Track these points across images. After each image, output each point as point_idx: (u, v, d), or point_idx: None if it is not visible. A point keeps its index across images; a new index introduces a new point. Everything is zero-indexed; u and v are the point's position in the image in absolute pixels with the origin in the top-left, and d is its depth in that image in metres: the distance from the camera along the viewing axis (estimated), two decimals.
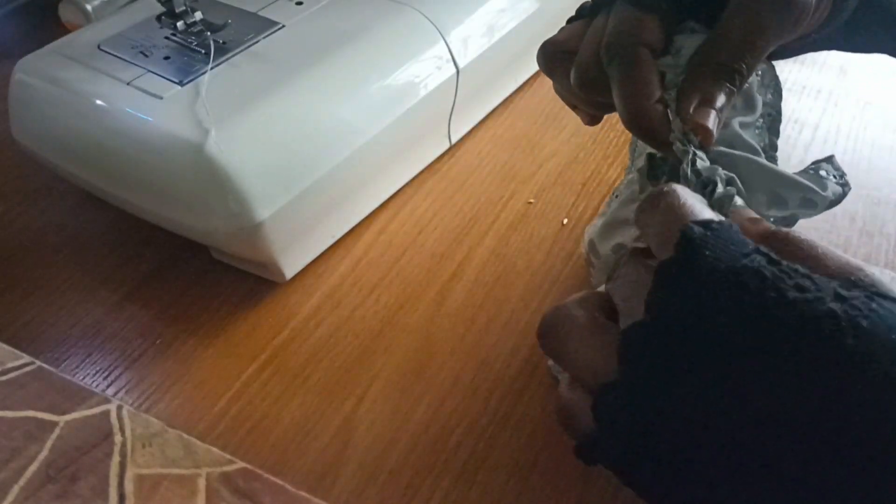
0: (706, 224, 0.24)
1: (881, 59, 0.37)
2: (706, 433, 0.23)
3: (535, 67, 0.58)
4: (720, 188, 0.29)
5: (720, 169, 0.30)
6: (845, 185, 0.33)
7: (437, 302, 0.42)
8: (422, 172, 0.50)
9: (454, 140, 0.52)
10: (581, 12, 0.36)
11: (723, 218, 0.25)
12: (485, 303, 0.42)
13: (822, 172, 0.33)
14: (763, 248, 0.24)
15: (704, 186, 0.30)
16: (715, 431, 0.22)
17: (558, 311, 0.27)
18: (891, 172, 0.48)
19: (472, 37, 0.49)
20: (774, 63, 0.37)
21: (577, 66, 0.33)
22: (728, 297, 0.23)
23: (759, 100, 0.35)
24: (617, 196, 0.39)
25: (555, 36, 0.36)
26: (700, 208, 0.25)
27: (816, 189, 0.32)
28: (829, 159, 0.34)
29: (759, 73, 0.36)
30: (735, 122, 0.34)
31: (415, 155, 0.49)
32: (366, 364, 0.39)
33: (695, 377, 0.23)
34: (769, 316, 0.22)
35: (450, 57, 0.48)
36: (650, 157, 0.33)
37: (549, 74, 0.37)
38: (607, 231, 0.35)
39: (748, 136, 0.34)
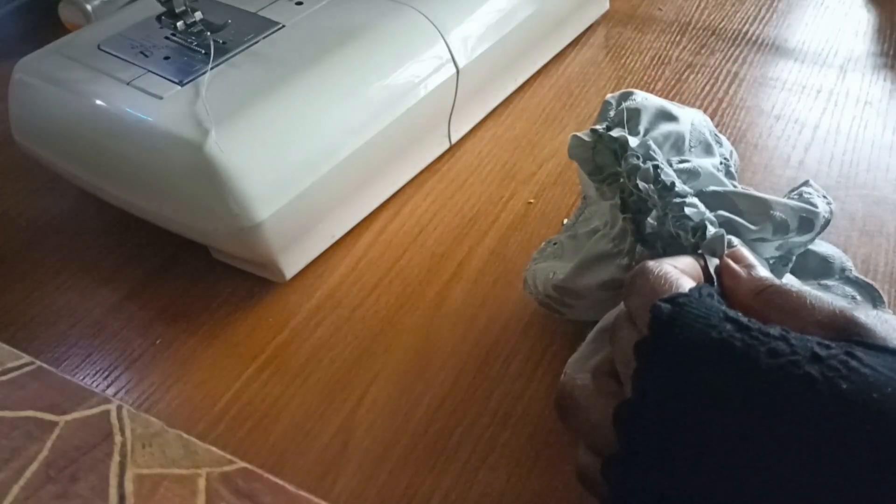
0: (673, 301, 0.25)
1: (881, 59, 0.37)
2: (705, 496, 0.23)
3: (534, 67, 0.58)
4: (710, 230, 0.30)
5: (708, 212, 0.31)
6: (830, 203, 0.34)
7: (437, 302, 0.42)
8: (422, 172, 0.50)
9: (454, 140, 0.52)
10: None
11: (693, 284, 0.26)
12: (485, 303, 0.42)
13: (806, 194, 0.34)
14: (732, 314, 0.24)
15: (695, 232, 0.30)
16: (713, 494, 0.23)
17: (569, 381, 0.28)
18: (890, 172, 0.48)
19: (472, 37, 0.49)
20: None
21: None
22: (700, 372, 0.23)
23: (716, 147, 0.36)
24: (556, 244, 0.39)
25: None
26: (674, 280, 0.26)
27: (809, 207, 0.33)
28: (806, 183, 0.36)
29: (704, 122, 0.37)
30: (708, 163, 0.35)
31: (415, 155, 0.49)
32: (366, 364, 0.39)
33: (683, 448, 0.23)
34: (742, 387, 0.23)
35: (450, 57, 0.48)
36: (621, 193, 0.34)
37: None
38: (584, 269, 0.35)
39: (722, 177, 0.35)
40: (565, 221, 0.45)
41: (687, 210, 0.31)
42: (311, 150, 0.41)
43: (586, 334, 0.38)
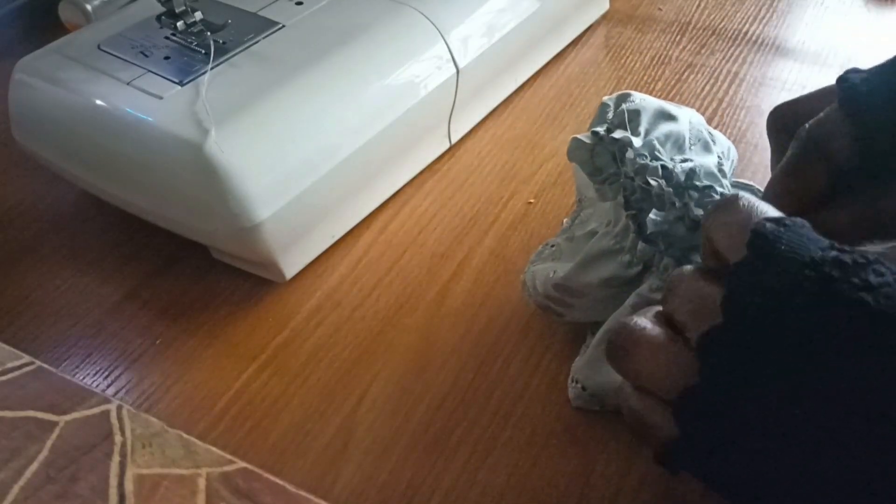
0: (778, 221, 0.24)
1: (881, 59, 0.37)
2: (793, 431, 0.22)
3: (534, 67, 0.58)
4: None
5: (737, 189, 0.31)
6: None
7: (437, 302, 0.42)
8: (422, 172, 0.50)
9: (454, 140, 0.52)
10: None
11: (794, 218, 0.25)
12: (485, 303, 0.42)
13: None
14: (836, 244, 0.23)
15: None
16: (802, 429, 0.22)
17: (627, 325, 0.27)
18: None
19: (472, 37, 0.49)
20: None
21: None
22: (811, 287, 0.22)
23: (712, 145, 0.36)
24: (553, 246, 0.39)
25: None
26: (770, 208, 0.25)
27: None
28: None
29: (700, 121, 0.37)
30: (709, 162, 0.35)
31: (415, 155, 0.49)
32: (366, 364, 0.39)
33: (779, 373, 0.22)
34: (857, 303, 0.21)
35: (450, 57, 0.48)
36: (624, 191, 0.34)
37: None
38: (585, 266, 0.35)
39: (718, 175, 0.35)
40: (565, 221, 0.45)
41: (715, 195, 0.31)
42: (311, 150, 0.41)
43: (586, 335, 0.38)
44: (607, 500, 0.33)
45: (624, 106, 0.36)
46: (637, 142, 0.33)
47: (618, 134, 0.34)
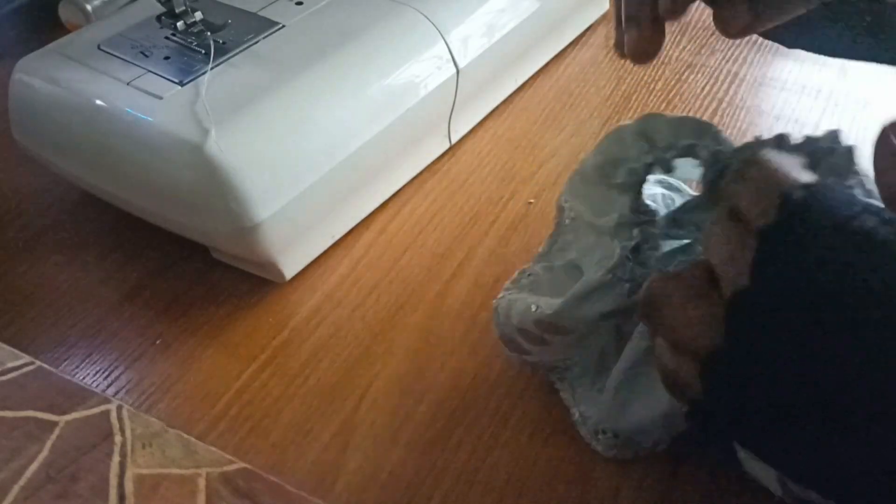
0: (806, 187, 0.23)
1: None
2: (816, 396, 0.22)
3: (535, 67, 0.58)
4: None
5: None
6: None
7: (437, 302, 0.42)
8: (422, 172, 0.50)
9: (454, 140, 0.52)
10: None
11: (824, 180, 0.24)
12: (485, 303, 0.42)
13: None
14: (874, 207, 0.22)
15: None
16: (826, 393, 0.22)
17: (661, 280, 0.26)
18: None
19: (472, 37, 0.49)
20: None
21: None
22: (835, 261, 0.22)
23: None
24: (531, 275, 0.37)
25: None
26: (797, 171, 0.24)
27: None
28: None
29: None
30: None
31: (415, 155, 0.49)
32: (366, 364, 0.39)
33: (804, 341, 0.22)
34: (882, 279, 0.21)
35: (450, 57, 0.48)
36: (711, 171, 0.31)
37: None
38: (581, 301, 0.32)
39: None
40: (541, 246, 0.41)
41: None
42: (311, 150, 0.41)
43: (553, 382, 0.36)
44: (607, 500, 0.33)
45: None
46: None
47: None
